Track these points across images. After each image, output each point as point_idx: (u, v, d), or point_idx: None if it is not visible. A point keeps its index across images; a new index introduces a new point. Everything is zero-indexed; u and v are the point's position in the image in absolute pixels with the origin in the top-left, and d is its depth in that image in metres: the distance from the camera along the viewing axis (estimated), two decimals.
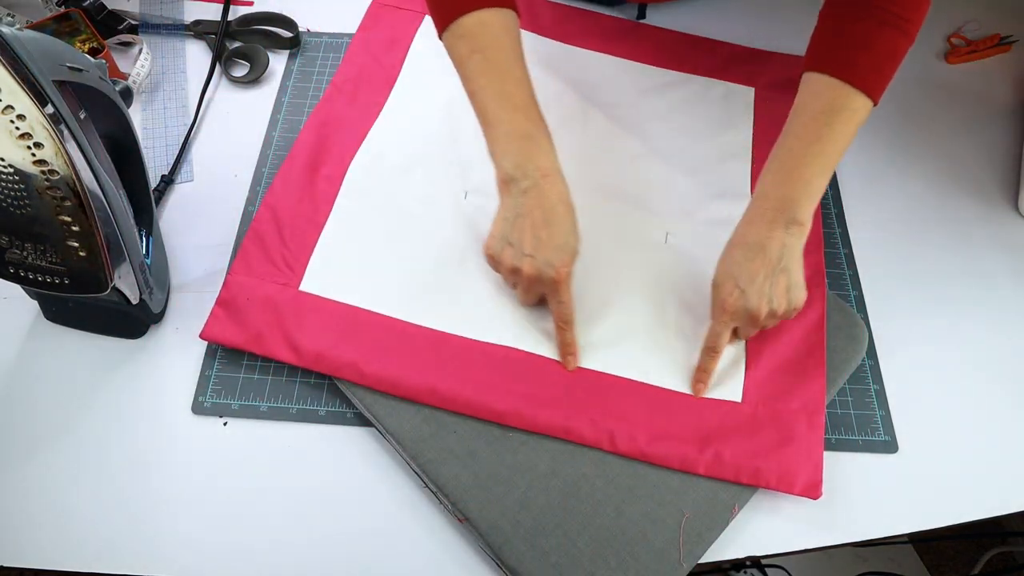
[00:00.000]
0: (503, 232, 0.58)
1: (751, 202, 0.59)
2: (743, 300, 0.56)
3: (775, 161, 0.57)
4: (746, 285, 0.56)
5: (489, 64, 0.58)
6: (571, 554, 0.53)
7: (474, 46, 0.58)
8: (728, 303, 0.57)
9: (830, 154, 0.56)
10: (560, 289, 0.58)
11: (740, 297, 0.56)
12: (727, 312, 0.57)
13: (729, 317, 0.58)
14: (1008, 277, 0.70)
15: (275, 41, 0.82)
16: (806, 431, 0.58)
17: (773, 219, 0.56)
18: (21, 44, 0.44)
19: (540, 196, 0.56)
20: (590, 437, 0.57)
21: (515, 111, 0.58)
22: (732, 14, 0.88)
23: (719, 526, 0.55)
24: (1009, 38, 0.86)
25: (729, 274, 0.57)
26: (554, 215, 0.56)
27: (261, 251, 0.65)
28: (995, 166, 0.77)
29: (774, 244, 0.55)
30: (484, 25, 0.58)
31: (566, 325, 0.59)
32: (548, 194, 0.57)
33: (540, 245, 0.56)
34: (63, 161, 0.46)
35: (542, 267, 0.57)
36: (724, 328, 0.58)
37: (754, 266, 0.56)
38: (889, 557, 1.19)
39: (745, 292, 0.56)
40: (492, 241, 0.59)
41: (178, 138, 0.74)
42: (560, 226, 0.57)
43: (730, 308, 0.57)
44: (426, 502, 0.57)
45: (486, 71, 0.58)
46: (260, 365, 0.62)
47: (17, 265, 0.51)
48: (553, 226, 0.56)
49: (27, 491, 0.56)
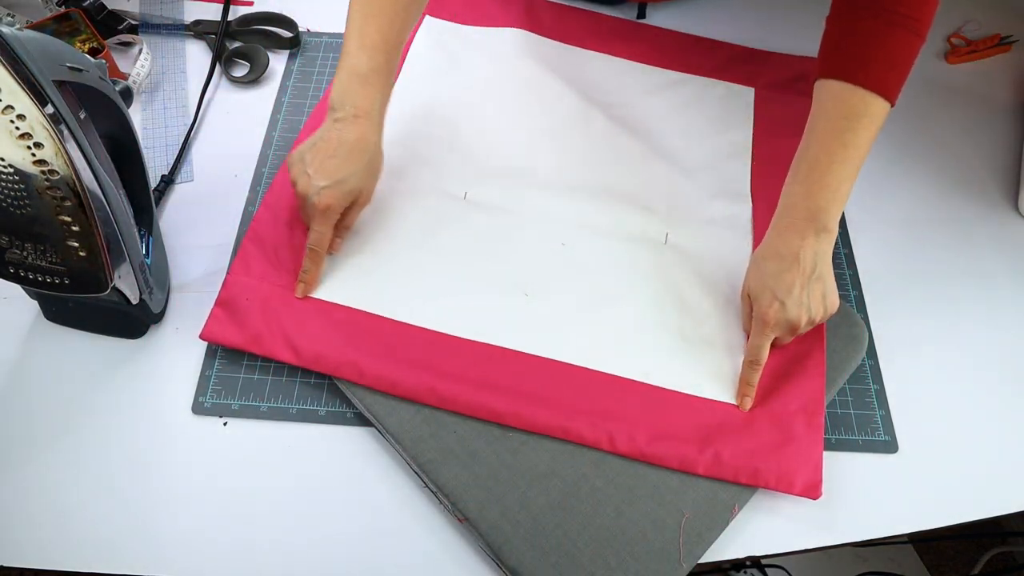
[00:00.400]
0: (303, 149, 0.61)
1: (779, 212, 0.59)
2: (783, 312, 0.57)
3: (800, 171, 0.58)
4: (784, 297, 0.57)
5: (364, 2, 0.60)
6: (571, 554, 0.53)
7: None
8: (769, 316, 0.57)
9: (854, 160, 0.57)
10: (317, 218, 0.60)
11: (780, 309, 0.57)
12: (768, 325, 0.58)
13: (771, 330, 0.58)
14: (1008, 277, 0.70)
15: (275, 41, 0.82)
16: (805, 431, 0.58)
17: (804, 229, 0.57)
18: (21, 44, 0.44)
19: (344, 131, 0.59)
20: (589, 437, 0.57)
21: (362, 50, 0.60)
22: (732, 14, 0.88)
23: (719, 526, 0.55)
24: (1009, 38, 0.86)
25: (766, 287, 0.58)
26: (346, 151, 0.59)
27: (261, 252, 0.65)
28: (995, 166, 0.77)
29: (807, 253, 0.57)
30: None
31: (312, 253, 0.62)
32: (351, 131, 0.59)
33: (320, 171, 0.59)
34: (63, 161, 0.46)
35: (311, 190, 0.59)
36: (765, 340, 0.59)
37: (790, 277, 0.57)
38: (889, 557, 1.19)
39: (785, 304, 0.57)
40: (294, 153, 0.62)
41: (178, 138, 0.74)
42: (345, 162, 0.59)
43: (772, 321, 0.57)
44: (426, 502, 0.57)
45: (360, 7, 0.60)
46: (260, 365, 0.62)
47: (17, 265, 0.51)
48: (339, 159, 0.59)
49: (27, 491, 0.56)
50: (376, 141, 0.61)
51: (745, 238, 0.69)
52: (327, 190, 0.59)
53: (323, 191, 0.59)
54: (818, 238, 0.57)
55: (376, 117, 0.60)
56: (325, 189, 0.59)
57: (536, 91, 0.78)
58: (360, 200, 0.62)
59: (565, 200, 0.70)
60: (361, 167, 0.60)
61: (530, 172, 0.72)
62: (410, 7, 0.61)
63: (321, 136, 0.60)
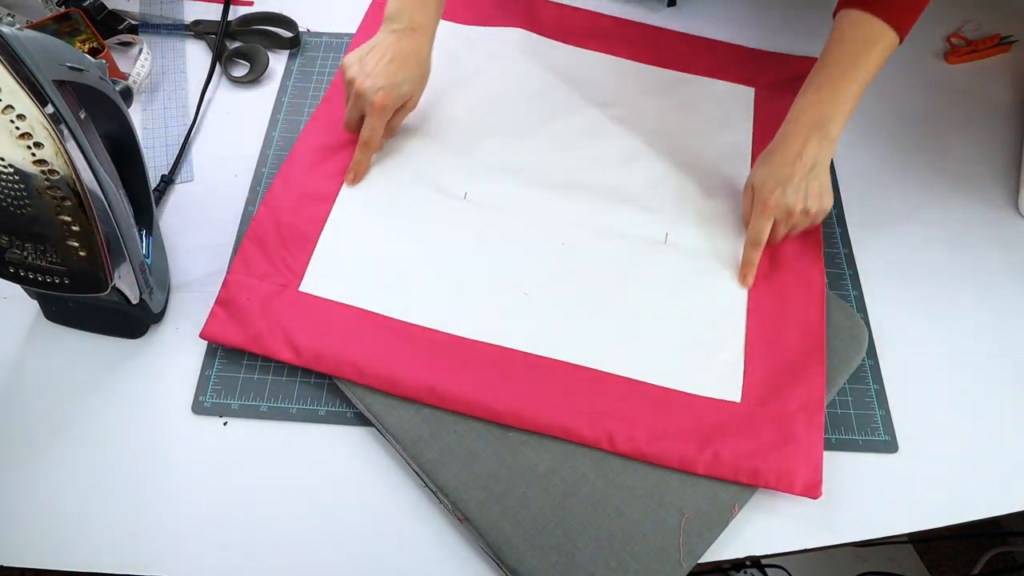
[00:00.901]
0: (361, 52, 0.67)
1: (789, 118, 0.65)
2: (783, 197, 0.62)
3: (813, 84, 0.64)
4: (785, 184, 0.63)
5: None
6: (571, 554, 0.53)
7: None
8: (770, 200, 0.63)
9: (862, 81, 0.62)
10: (374, 115, 0.66)
11: (780, 195, 0.62)
12: (769, 207, 0.63)
13: (771, 212, 0.63)
14: (1008, 277, 0.70)
15: (275, 41, 0.82)
16: (806, 431, 0.58)
17: (809, 134, 0.62)
18: (21, 44, 0.44)
19: (401, 40, 0.66)
20: (589, 437, 0.57)
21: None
22: (731, 15, 0.88)
23: (719, 526, 0.55)
24: (1009, 38, 0.86)
25: (769, 176, 0.63)
26: (403, 58, 0.66)
27: (261, 251, 0.65)
28: (995, 166, 0.77)
29: (809, 153, 0.62)
30: None
31: (364, 147, 0.68)
32: (408, 41, 0.66)
33: (379, 73, 0.65)
34: (63, 161, 0.46)
35: (369, 88, 0.65)
36: (766, 223, 0.64)
37: (792, 170, 0.63)
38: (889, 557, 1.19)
39: (784, 190, 0.63)
40: (351, 55, 0.67)
41: (178, 138, 0.74)
42: (402, 68, 0.66)
43: (772, 204, 0.63)
44: (426, 502, 0.57)
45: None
46: (260, 365, 0.62)
47: (17, 265, 0.51)
48: (396, 64, 0.65)
49: (27, 490, 0.56)
50: (428, 53, 0.68)
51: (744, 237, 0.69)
52: (383, 91, 0.65)
53: (380, 91, 0.65)
54: (820, 144, 0.62)
55: (430, 30, 0.67)
56: (381, 90, 0.65)
57: (536, 91, 0.78)
58: (409, 104, 0.69)
59: (565, 200, 0.70)
60: (415, 74, 0.67)
61: (530, 172, 0.72)
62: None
63: (379, 42, 0.66)
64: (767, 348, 0.62)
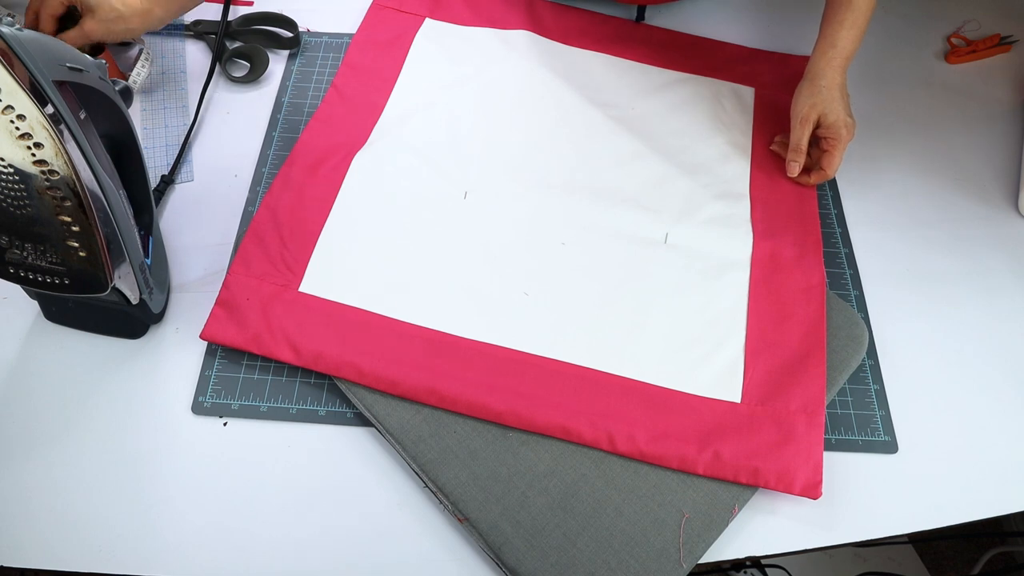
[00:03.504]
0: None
1: (829, 49, 0.71)
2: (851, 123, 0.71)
3: (848, 19, 0.70)
4: (851, 116, 0.71)
5: None
6: (571, 554, 0.54)
7: None
8: (848, 128, 0.70)
9: (872, 6, 0.71)
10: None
11: (851, 124, 0.71)
12: (850, 136, 0.70)
13: (848, 138, 0.70)
14: (1008, 277, 0.70)
15: (275, 41, 0.82)
16: (806, 431, 0.58)
17: (842, 65, 0.71)
18: (21, 44, 0.44)
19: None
20: (589, 437, 0.57)
21: None
22: (730, 15, 0.88)
23: (719, 526, 0.55)
24: (1009, 38, 0.86)
25: (841, 109, 0.70)
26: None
27: (261, 251, 0.65)
28: (995, 166, 0.77)
29: (843, 82, 0.72)
30: None
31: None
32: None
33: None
34: (63, 161, 0.46)
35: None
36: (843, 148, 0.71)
37: (845, 100, 0.72)
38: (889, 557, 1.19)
39: (852, 122, 0.71)
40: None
41: (178, 138, 0.74)
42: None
43: (851, 132, 0.70)
44: (426, 502, 0.57)
45: None
46: (260, 365, 0.62)
47: (17, 265, 0.51)
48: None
49: (27, 491, 0.56)
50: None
51: (745, 237, 0.69)
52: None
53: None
54: (843, 74, 0.71)
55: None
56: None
57: (536, 91, 0.78)
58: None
59: (565, 200, 0.70)
60: None
61: (530, 172, 0.72)
62: None
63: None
64: (767, 348, 0.62)
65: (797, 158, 0.72)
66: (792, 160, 0.72)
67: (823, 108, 0.70)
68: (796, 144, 0.72)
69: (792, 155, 0.72)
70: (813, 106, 0.70)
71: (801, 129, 0.71)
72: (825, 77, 0.71)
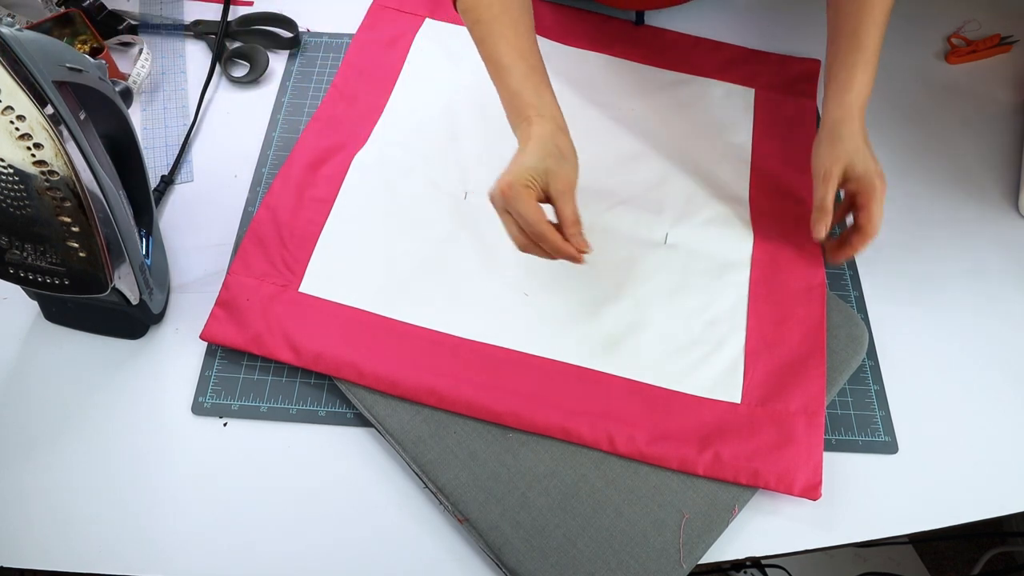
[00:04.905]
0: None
1: (843, 94, 0.63)
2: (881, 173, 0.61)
3: (860, 59, 0.63)
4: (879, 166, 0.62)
5: (484, 32, 0.62)
6: (571, 555, 0.54)
7: (473, 17, 0.63)
8: (879, 185, 0.61)
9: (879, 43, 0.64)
10: (507, 202, 0.56)
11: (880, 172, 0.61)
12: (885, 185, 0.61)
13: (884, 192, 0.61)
14: (1008, 277, 0.70)
15: (275, 41, 0.82)
16: (806, 432, 0.58)
17: (861, 110, 0.63)
18: (21, 44, 0.44)
19: (521, 136, 0.59)
20: (589, 437, 0.57)
21: (504, 72, 0.60)
22: (732, 16, 0.88)
23: (719, 527, 0.55)
24: (1009, 38, 0.86)
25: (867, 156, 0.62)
26: (523, 147, 0.58)
27: (261, 252, 0.65)
28: (995, 166, 0.77)
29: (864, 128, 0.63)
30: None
31: (535, 239, 0.57)
32: (524, 133, 0.58)
33: (505, 169, 0.57)
34: (63, 162, 0.46)
35: (492, 186, 0.57)
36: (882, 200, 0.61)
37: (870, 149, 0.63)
38: (889, 557, 1.19)
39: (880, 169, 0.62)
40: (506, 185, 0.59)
41: (178, 138, 0.74)
42: (520, 154, 0.57)
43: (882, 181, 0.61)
44: (426, 503, 0.57)
45: (483, 40, 0.62)
46: (260, 365, 0.62)
47: (17, 266, 0.51)
48: (515, 157, 0.57)
49: (27, 491, 0.56)
50: (549, 129, 0.59)
51: (745, 238, 0.69)
52: (505, 176, 0.56)
53: (502, 179, 0.56)
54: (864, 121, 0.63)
55: (543, 114, 0.59)
56: (505, 176, 0.56)
57: None
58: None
59: None
60: (535, 151, 0.58)
61: None
62: (517, 16, 0.62)
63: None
64: (767, 349, 0.62)
65: (823, 218, 0.62)
66: (817, 220, 0.63)
67: (848, 159, 0.61)
68: (820, 203, 0.62)
69: (817, 214, 0.63)
70: (836, 159, 0.61)
71: (825, 186, 0.62)
72: (845, 125, 0.62)
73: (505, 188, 0.55)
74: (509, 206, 0.56)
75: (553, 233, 0.56)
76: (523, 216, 0.56)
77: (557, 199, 0.57)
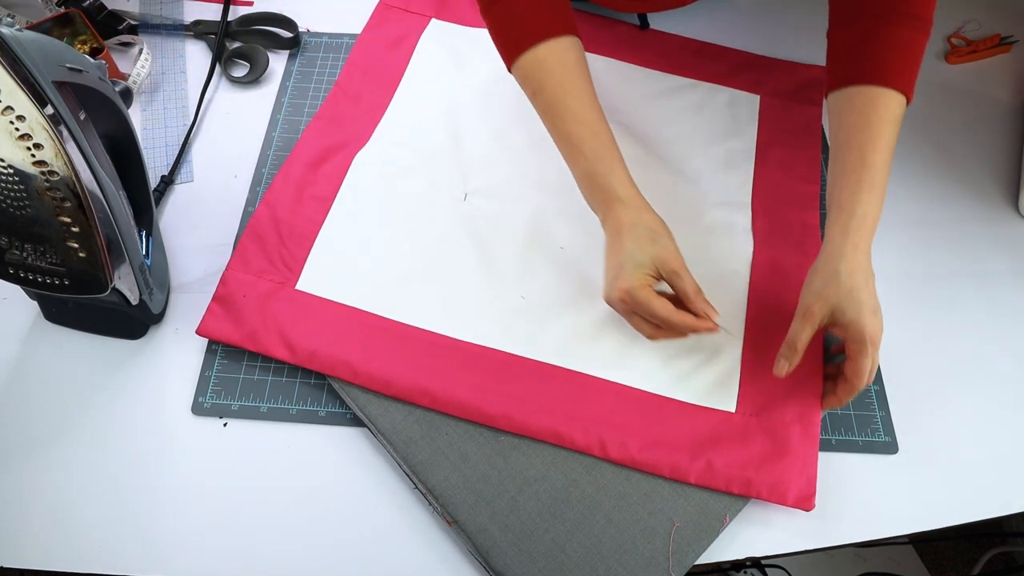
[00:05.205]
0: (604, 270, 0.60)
1: (853, 224, 0.55)
2: (880, 323, 0.55)
3: (866, 179, 0.56)
4: (878, 308, 0.55)
5: (548, 104, 0.61)
6: (559, 560, 0.53)
7: (534, 87, 0.61)
8: (879, 330, 0.54)
9: (888, 163, 0.57)
10: (631, 307, 0.57)
11: (880, 322, 0.55)
12: (879, 339, 0.55)
13: (878, 342, 0.55)
14: (1008, 277, 0.70)
15: (275, 41, 0.82)
16: (800, 442, 0.57)
17: (866, 239, 0.56)
18: (21, 45, 0.44)
19: (609, 229, 0.59)
20: (581, 442, 0.57)
21: (574, 151, 0.61)
22: (738, 21, 0.87)
23: (709, 536, 0.55)
24: (1009, 38, 0.86)
25: (864, 303, 0.54)
26: (617, 242, 0.57)
27: (259, 249, 0.65)
28: (995, 166, 0.77)
29: (868, 262, 0.56)
30: (539, 63, 0.60)
31: (666, 327, 0.57)
32: (612, 224, 0.58)
33: (609, 272, 0.58)
34: (63, 162, 0.46)
35: (607, 291, 0.58)
36: (875, 355, 0.55)
37: (871, 288, 0.55)
38: (889, 557, 1.19)
39: (879, 315, 0.55)
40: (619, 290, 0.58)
41: (178, 138, 0.74)
42: (620, 251, 0.57)
43: (879, 335, 0.55)
44: (416, 504, 0.57)
45: (547, 112, 0.61)
46: (260, 366, 0.62)
47: (17, 266, 0.51)
48: (615, 252, 0.57)
49: (27, 491, 0.56)
50: (634, 214, 0.58)
51: (745, 246, 0.68)
52: (617, 280, 0.57)
53: (615, 284, 0.57)
54: (869, 253, 0.56)
55: (623, 196, 0.59)
56: (616, 281, 0.57)
57: None
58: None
59: (566, 204, 0.70)
60: (633, 242, 0.57)
61: (531, 175, 0.72)
62: (582, 85, 0.61)
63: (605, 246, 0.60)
64: (764, 359, 0.61)
65: (790, 356, 0.56)
66: (781, 356, 0.56)
67: (837, 303, 0.54)
68: (791, 339, 0.56)
69: (784, 349, 0.56)
70: (823, 299, 0.54)
71: (801, 324, 0.55)
72: (845, 258, 0.54)
73: (625, 296, 0.56)
74: (636, 309, 0.57)
75: (684, 317, 0.56)
76: (654, 314, 0.56)
77: (672, 278, 0.57)
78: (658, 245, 0.56)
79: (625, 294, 0.55)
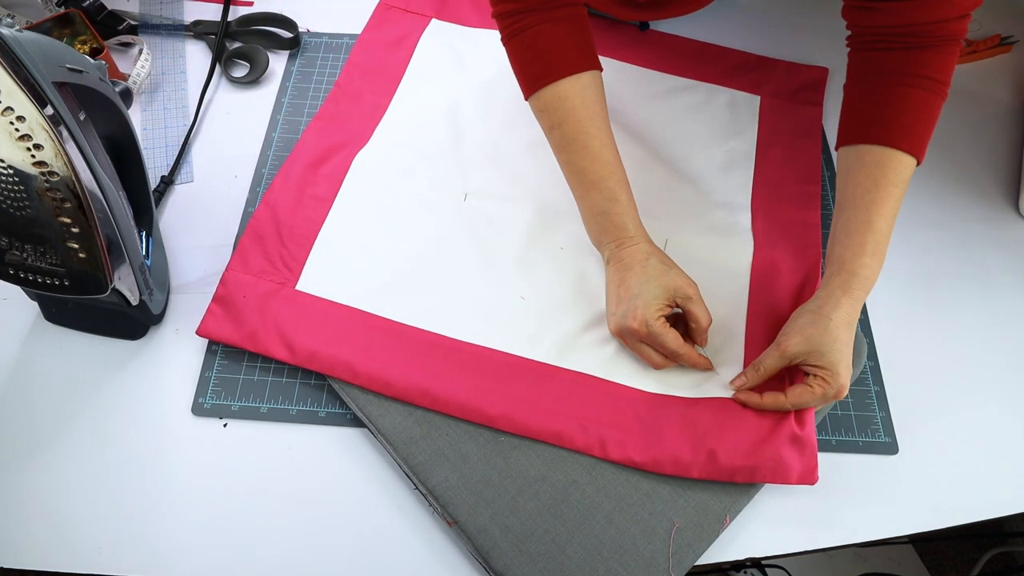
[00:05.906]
0: (606, 303, 0.63)
1: (846, 276, 0.58)
2: (849, 378, 0.57)
3: (870, 241, 0.58)
4: (853, 364, 0.58)
5: (566, 139, 0.62)
6: (559, 560, 0.53)
7: (552, 121, 0.62)
8: (845, 384, 0.56)
9: (892, 226, 0.59)
10: (644, 337, 0.59)
11: (848, 377, 0.57)
12: (845, 391, 0.56)
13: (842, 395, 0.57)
14: (1008, 277, 0.70)
15: (275, 41, 0.82)
16: (796, 417, 0.57)
17: (860, 298, 0.58)
18: (21, 45, 0.44)
19: (618, 263, 0.61)
20: (581, 443, 0.57)
21: (590, 188, 0.62)
22: (739, 22, 0.87)
23: (709, 537, 0.55)
24: (1009, 38, 0.86)
25: (843, 356, 0.56)
26: (629, 275, 0.60)
27: (259, 249, 0.65)
28: (995, 166, 0.77)
29: (855, 319, 0.58)
30: (560, 99, 0.61)
31: (673, 358, 0.60)
32: (623, 259, 0.61)
33: (620, 303, 0.60)
34: (63, 162, 0.46)
35: (620, 321, 0.59)
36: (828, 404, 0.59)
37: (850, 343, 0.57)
38: (889, 557, 1.19)
39: (852, 370, 0.57)
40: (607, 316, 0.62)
41: (178, 139, 0.74)
42: (633, 283, 0.59)
43: (846, 387, 0.56)
44: (417, 504, 0.57)
45: (564, 147, 0.62)
46: (260, 366, 0.62)
47: (17, 267, 0.51)
48: (627, 285, 0.60)
49: (27, 492, 0.56)
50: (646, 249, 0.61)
51: (745, 246, 0.68)
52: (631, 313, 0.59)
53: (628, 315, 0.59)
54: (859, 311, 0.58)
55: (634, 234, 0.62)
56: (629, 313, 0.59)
57: None
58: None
59: (566, 204, 0.70)
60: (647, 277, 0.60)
61: (532, 175, 0.72)
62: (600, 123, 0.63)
63: (608, 281, 0.62)
64: (762, 348, 0.61)
65: (752, 376, 0.58)
66: (743, 374, 0.59)
67: (819, 345, 0.56)
68: (759, 363, 0.58)
69: (749, 369, 0.59)
70: (807, 341, 0.56)
71: (774, 353, 0.58)
72: (839, 309, 0.56)
73: (640, 328, 0.58)
74: (648, 340, 0.59)
75: (692, 352, 0.59)
76: (665, 346, 0.59)
77: (687, 306, 0.59)
78: (672, 272, 0.60)
79: (643, 325, 0.58)
